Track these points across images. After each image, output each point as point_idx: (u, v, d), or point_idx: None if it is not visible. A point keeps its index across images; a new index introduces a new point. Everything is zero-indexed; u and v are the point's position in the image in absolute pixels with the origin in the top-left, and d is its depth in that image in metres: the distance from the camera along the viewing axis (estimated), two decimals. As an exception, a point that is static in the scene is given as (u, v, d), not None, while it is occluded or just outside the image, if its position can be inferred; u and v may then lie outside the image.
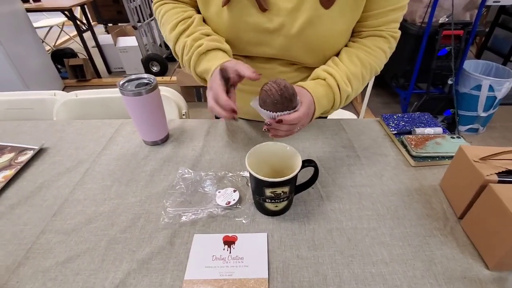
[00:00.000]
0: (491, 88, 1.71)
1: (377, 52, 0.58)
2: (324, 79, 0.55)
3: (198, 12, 0.61)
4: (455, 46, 1.62)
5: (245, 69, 0.48)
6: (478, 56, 2.64)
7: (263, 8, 0.52)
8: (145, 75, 0.61)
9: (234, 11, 0.54)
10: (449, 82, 1.73)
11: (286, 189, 0.44)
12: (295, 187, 0.48)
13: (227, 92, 0.50)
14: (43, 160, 0.63)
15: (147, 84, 0.59)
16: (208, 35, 0.56)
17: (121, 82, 0.58)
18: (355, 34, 0.60)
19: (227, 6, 0.53)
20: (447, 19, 1.58)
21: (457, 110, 1.77)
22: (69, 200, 0.53)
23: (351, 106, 2.24)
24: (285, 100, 0.45)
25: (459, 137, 0.62)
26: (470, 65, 1.89)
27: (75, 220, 0.49)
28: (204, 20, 0.60)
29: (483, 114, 1.82)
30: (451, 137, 0.62)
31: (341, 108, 1.30)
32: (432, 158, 0.59)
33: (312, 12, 0.52)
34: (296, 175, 0.44)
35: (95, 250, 0.45)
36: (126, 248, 0.45)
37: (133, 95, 0.57)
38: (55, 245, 0.46)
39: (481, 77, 1.71)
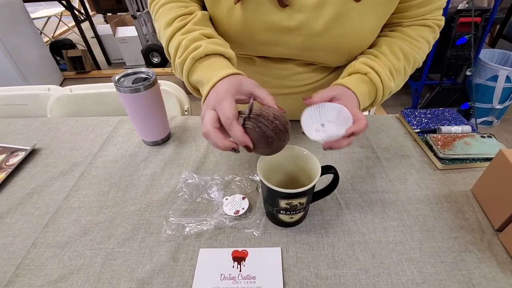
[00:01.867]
0: (508, 79, 1.62)
1: (421, 43, 0.51)
2: (366, 74, 0.47)
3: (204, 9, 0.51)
4: (472, 34, 1.53)
5: (264, 95, 0.38)
6: (492, 45, 2.53)
7: (283, 4, 0.44)
8: (143, 69, 0.55)
9: (249, 7, 0.45)
10: (468, 73, 1.63)
11: (303, 200, 0.39)
12: (312, 196, 0.43)
13: None
14: (35, 162, 0.58)
15: (145, 79, 0.53)
16: (209, 37, 0.44)
17: (116, 77, 0.53)
18: (395, 23, 0.53)
19: (240, 2, 0.45)
20: (466, 5, 1.49)
21: (474, 103, 1.69)
22: (62, 208, 0.49)
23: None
24: (280, 133, 0.34)
25: (490, 136, 0.56)
26: (486, 54, 1.79)
27: (69, 231, 0.45)
28: (210, 19, 0.50)
29: (499, 106, 1.74)
30: (481, 136, 0.56)
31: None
32: (462, 160, 0.53)
33: (340, 6, 0.44)
34: (315, 184, 0.38)
35: (90, 266, 0.40)
36: (124, 264, 0.40)
37: (130, 92, 0.51)
38: (47, 261, 0.41)
39: (498, 67, 1.62)
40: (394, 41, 0.50)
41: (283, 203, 0.39)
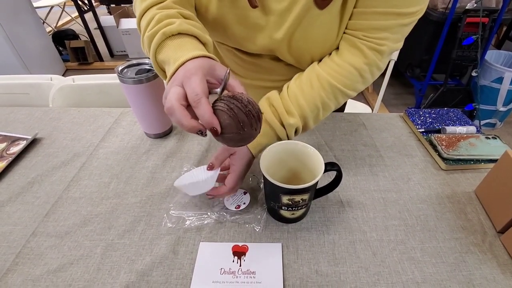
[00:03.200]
0: (513, 81, 1.61)
1: (345, 69, 0.45)
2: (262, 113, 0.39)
3: None
4: (480, 35, 1.51)
5: (236, 83, 0.35)
6: (498, 46, 2.50)
7: (253, 5, 0.44)
8: (147, 61, 0.54)
9: (224, 1, 0.46)
10: (473, 74, 1.62)
11: (305, 196, 0.39)
12: (314, 193, 0.42)
13: None
14: (36, 151, 0.58)
15: (148, 70, 0.53)
16: (187, 18, 0.40)
17: (120, 68, 0.52)
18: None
19: None
20: (475, 5, 1.46)
21: (479, 104, 1.68)
22: (63, 198, 0.48)
23: (362, 96, 2.15)
24: (252, 119, 0.31)
25: (495, 138, 0.56)
26: (491, 55, 1.78)
27: (69, 221, 0.45)
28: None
29: (502, 109, 1.72)
30: (486, 138, 0.56)
31: (352, 99, 1.22)
32: (466, 161, 0.52)
33: (303, 13, 0.43)
34: (318, 181, 0.38)
35: (90, 257, 0.40)
36: (124, 256, 0.40)
37: (133, 83, 0.51)
38: (47, 250, 0.41)
39: (504, 69, 1.60)
40: (314, 67, 0.47)
41: (285, 199, 0.39)
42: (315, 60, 0.50)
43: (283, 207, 0.40)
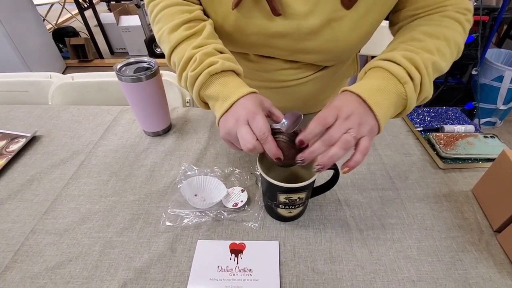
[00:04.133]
0: (513, 80, 1.60)
1: (447, 22, 0.42)
2: (377, 66, 0.39)
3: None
4: (480, 33, 1.50)
5: (278, 113, 0.40)
6: (499, 45, 2.49)
7: (276, 13, 0.44)
8: (145, 59, 0.54)
9: (243, 12, 0.46)
10: (473, 72, 1.61)
11: (302, 195, 0.39)
12: (312, 191, 0.43)
13: None
14: (35, 149, 0.58)
15: (147, 68, 0.53)
16: (221, 52, 0.44)
17: (118, 66, 0.52)
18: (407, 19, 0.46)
19: (236, 9, 0.45)
20: (475, 3, 1.46)
21: (479, 103, 1.68)
22: (62, 195, 0.49)
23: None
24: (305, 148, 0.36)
25: (494, 137, 0.56)
26: (492, 54, 1.77)
27: (68, 219, 0.45)
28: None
29: (503, 107, 1.72)
30: (484, 137, 0.56)
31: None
32: (464, 160, 0.53)
33: (330, 14, 0.43)
34: (315, 179, 0.38)
35: (88, 254, 0.40)
36: (122, 253, 0.40)
37: (131, 81, 0.51)
38: (45, 247, 0.41)
39: (504, 67, 1.60)
40: (410, 27, 0.45)
41: (282, 198, 0.39)
42: (341, 58, 0.50)
43: (280, 206, 0.41)
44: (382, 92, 0.37)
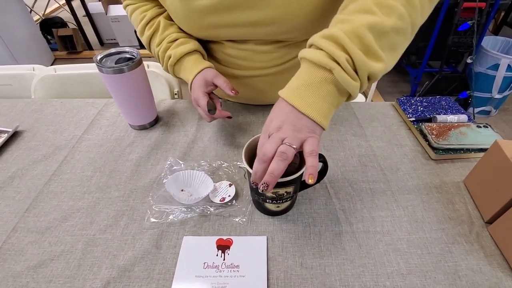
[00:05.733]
0: (509, 68, 1.59)
1: None
2: (302, 57, 0.35)
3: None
4: (476, 20, 1.48)
5: (224, 84, 0.48)
6: (496, 32, 2.47)
7: None
8: (127, 49, 0.52)
9: None
10: (468, 60, 1.59)
11: (290, 189, 0.38)
12: (300, 185, 0.42)
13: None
14: (17, 145, 0.56)
15: (129, 59, 0.51)
16: (174, 40, 0.52)
17: (98, 57, 0.50)
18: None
19: None
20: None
21: (473, 92, 1.66)
22: (44, 192, 0.47)
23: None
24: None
25: (487, 126, 0.55)
26: (488, 42, 1.75)
27: (50, 216, 0.44)
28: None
29: (498, 96, 1.71)
30: (477, 126, 0.55)
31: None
32: (456, 150, 0.52)
33: None
34: (302, 172, 0.37)
35: (71, 253, 0.39)
36: (106, 251, 0.39)
37: (113, 73, 0.49)
38: (27, 246, 0.40)
39: (500, 55, 1.58)
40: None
41: (269, 192, 0.37)
42: (308, 28, 0.45)
43: (267, 200, 0.39)
44: (310, 88, 0.33)
